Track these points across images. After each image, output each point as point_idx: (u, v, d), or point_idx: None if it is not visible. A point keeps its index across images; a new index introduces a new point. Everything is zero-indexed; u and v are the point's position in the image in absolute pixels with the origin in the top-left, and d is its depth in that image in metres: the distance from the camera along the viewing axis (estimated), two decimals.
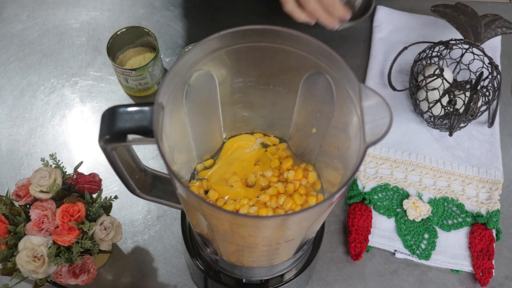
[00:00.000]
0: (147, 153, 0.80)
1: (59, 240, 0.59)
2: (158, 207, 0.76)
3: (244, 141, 0.58)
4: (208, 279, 0.64)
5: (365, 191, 0.76)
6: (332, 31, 0.76)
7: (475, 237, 0.73)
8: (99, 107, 0.84)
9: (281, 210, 0.54)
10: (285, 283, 0.63)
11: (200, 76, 0.47)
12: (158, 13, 0.92)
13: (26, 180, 0.63)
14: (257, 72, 0.50)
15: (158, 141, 0.39)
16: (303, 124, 0.55)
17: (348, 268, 0.73)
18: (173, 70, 0.42)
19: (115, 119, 0.41)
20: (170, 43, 0.89)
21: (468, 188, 0.78)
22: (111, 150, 0.43)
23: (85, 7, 0.93)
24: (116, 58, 0.82)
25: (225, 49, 0.45)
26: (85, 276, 0.61)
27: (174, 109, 0.46)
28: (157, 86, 0.84)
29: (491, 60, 0.78)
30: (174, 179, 0.41)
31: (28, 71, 0.87)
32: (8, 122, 0.82)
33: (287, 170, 0.56)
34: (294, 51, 0.45)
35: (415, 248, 0.73)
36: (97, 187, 0.65)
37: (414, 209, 0.75)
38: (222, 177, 0.56)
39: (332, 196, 0.41)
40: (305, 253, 0.63)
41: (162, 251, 0.73)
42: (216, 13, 0.93)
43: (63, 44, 0.89)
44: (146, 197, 0.53)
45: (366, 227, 0.73)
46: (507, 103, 0.86)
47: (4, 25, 0.91)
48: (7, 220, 0.61)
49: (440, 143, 0.81)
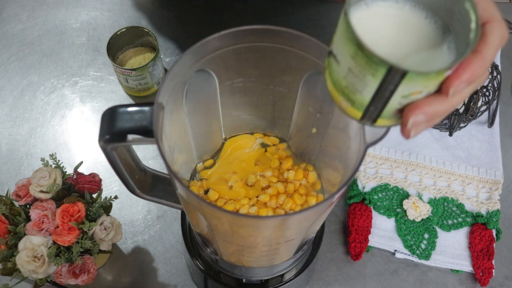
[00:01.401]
0: (147, 153, 0.80)
1: (59, 240, 0.59)
2: (158, 207, 0.76)
3: (244, 141, 0.58)
4: (208, 279, 0.64)
5: (365, 191, 0.76)
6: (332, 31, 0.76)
7: (475, 237, 0.73)
8: (99, 107, 0.84)
9: (281, 210, 0.54)
10: (285, 283, 0.63)
11: (200, 76, 0.47)
12: (158, 13, 0.92)
13: (26, 180, 0.63)
14: (257, 72, 0.50)
15: (158, 141, 0.39)
16: (303, 124, 0.55)
17: (348, 268, 0.73)
18: (173, 70, 0.42)
19: (115, 119, 0.41)
20: (170, 43, 0.89)
21: (468, 188, 0.78)
22: (111, 150, 0.43)
23: (85, 7, 0.93)
24: (116, 58, 0.82)
25: (225, 49, 0.45)
26: (85, 276, 0.61)
27: (174, 109, 0.46)
28: (157, 86, 0.84)
29: None
30: (174, 179, 0.41)
31: (28, 71, 0.87)
32: (8, 122, 0.82)
33: (287, 170, 0.56)
34: (294, 51, 0.45)
35: (415, 248, 0.73)
36: (97, 187, 0.65)
37: (414, 209, 0.75)
38: (222, 177, 0.56)
39: (332, 196, 0.41)
40: (305, 253, 0.63)
41: (162, 251, 0.73)
42: (216, 13, 0.93)
43: (63, 44, 0.89)
44: (146, 197, 0.53)
45: (366, 227, 0.73)
46: (507, 103, 0.86)
47: (4, 25, 0.91)
48: (7, 220, 0.61)
49: (440, 143, 0.81)
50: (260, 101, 0.55)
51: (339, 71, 0.35)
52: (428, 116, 0.34)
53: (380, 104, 0.34)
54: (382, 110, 0.35)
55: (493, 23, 0.34)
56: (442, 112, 0.34)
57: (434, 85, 0.33)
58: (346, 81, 0.34)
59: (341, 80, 0.35)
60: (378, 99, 0.34)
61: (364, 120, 0.36)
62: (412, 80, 0.31)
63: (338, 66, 0.34)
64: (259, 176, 0.55)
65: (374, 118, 0.36)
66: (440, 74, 0.32)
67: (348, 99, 0.35)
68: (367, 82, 0.33)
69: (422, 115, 0.34)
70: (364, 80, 0.33)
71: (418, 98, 0.33)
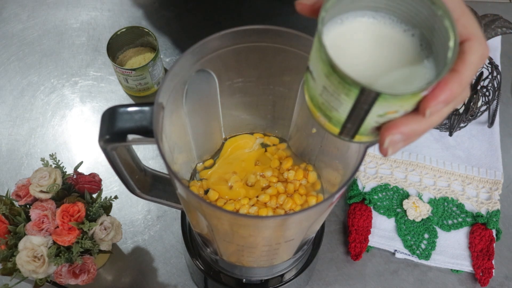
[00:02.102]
0: (147, 153, 0.80)
1: (59, 240, 0.59)
2: (158, 207, 0.76)
3: (244, 141, 0.58)
4: (208, 279, 0.64)
5: (365, 191, 0.76)
6: None
7: (475, 237, 0.73)
8: (99, 107, 0.84)
9: (281, 210, 0.54)
10: (285, 283, 0.63)
11: (200, 76, 0.47)
12: (158, 13, 0.92)
13: (26, 180, 0.63)
14: (257, 72, 0.50)
15: (158, 141, 0.39)
16: (303, 124, 0.55)
17: (348, 268, 0.73)
18: (173, 70, 0.42)
19: (115, 119, 0.41)
20: (170, 43, 0.89)
21: (468, 188, 0.78)
22: (111, 150, 0.43)
23: (85, 7, 0.93)
24: (116, 58, 0.82)
25: (225, 49, 0.45)
26: (85, 276, 0.61)
27: (174, 109, 0.46)
28: (157, 86, 0.84)
29: (491, 60, 0.78)
30: (174, 179, 0.41)
31: (28, 71, 0.87)
32: (8, 122, 0.82)
33: (287, 170, 0.56)
34: (294, 51, 0.45)
35: (415, 248, 0.73)
36: (97, 187, 0.65)
37: (414, 209, 0.75)
38: (222, 177, 0.56)
39: (332, 196, 0.41)
40: (305, 253, 0.63)
41: (162, 251, 0.73)
42: (216, 13, 0.93)
43: (63, 44, 0.89)
44: (146, 197, 0.53)
45: (366, 227, 0.73)
46: (507, 103, 0.86)
47: (4, 25, 0.91)
48: (7, 220, 0.61)
49: (440, 143, 0.81)
50: (260, 101, 0.55)
51: (315, 87, 0.34)
52: (405, 136, 0.33)
53: (357, 122, 0.34)
54: (359, 128, 0.34)
55: (472, 41, 0.33)
56: (420, 131, 0.33)
57: (411, 105, 0.32)
58: (322, 98, 0.34)
59: (318, 97, 0.34)
60: (354, 117, 0.33)
61: (342, 136, 0.36)
62: (386, 101, 0.31)
63: (314, 83, 0.34)
64: (259, 176, 0.55)
65: (352, 135, 0.36)
66: (416, 95, 0.31)
67: (325, 116, 0.35)
68: (341, 101, 0.32)
69: (399, 134, 0.33)
70: (339, 99, 0.32)
71: (395, 117, 0.33)
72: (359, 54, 0.34)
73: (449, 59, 0.31)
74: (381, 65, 0.34)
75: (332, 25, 0.34)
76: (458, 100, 0.34)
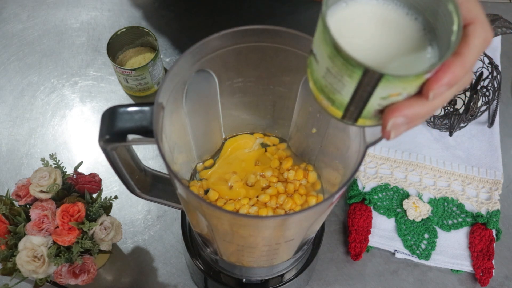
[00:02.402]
0: (147, 153, 0.80)
1: (59, 240, 0.59)
2: (158, 207, 0.76)
3: (244, 141, 0.58)
4: (208, 279, 0.64)
5: (365, 191, 0.76)
6: None
7: (475, 237, 0.73)
8: (99, 107, 0.84)
9: (281, 210, 0.54)
10: (285, 283, 0.63)
11: (200, 76, 0.47)
12: (158, 13, 0.92)
13: (26, 180, 0.63)
14: (257, 72, 0.50)
15: (158, 141, 0.39)
16: (303, 124, 0.55)
17: (348, 268, 0.73)
18: (173, 70, 0.42)
19: (115, 119, 0.41)
20: (170, 43, 0.89)
21: (468, 188, 0.78)
22: (111, 150, 0.43)
23: (85, 7, 0.93)
24: (116, 58, 0.82)
25: (225, 49, 0.45)
26: (85, 276, 0.61)
27: (174, 109, 0.46)
28: (157, 86, 0.84)
29: (491, 60, 0.78)
30: (174, 179, 0.41)
31: (28, 71, 0.87)
32: (8, 122, 0.82)
33: (287, 170, 0.56)
34: (294, 51, 0.45)
35: (415, 248, 0.73)
36: (97, 187, 0.65)
37: (414, 209, 0.75)
38: (222, 177, 0.56)
39: (332, 196, 0.41)
40: (305, 253, 0.63)
41: (162, 251, 0.73)
42: (216, 13, 0.93)
43: (63, 44, 0.89)
44: (146, 197, 0.53)
45: (366, 227, 0.73)
46: (507, 103, 0.86)
47: (4, 25, 0.91)
48: (7, 220, 0.61)
49: (440, 143, 0.81)
50: (260, 101, 0.55)
51: (318, 70, 0.34)
52: (408, 119, 0.33)
53: (360, 105, 0.34)
54: (362, 111, 0.34)
55: (476, 25, 0.33)
56: (423, 114, 0.33)
57: (414, 88, 0.32)
58: (325, 80, 0.34)
59: (321, 80, 0.35)
60: (357, 100, 0.33)
61: (345, 119, 0.36)
62: (389, 82, 0.31)
63: (318, 65, 0.34)
64: (259, 176, 0.55)
65: (355, 118, 0.36)
66: (419, 77, 0.31)
67: (328, 99, 0.35)
68: (345, 83, 0.32)
69: (402, 117, 0.33)
70: (342, 81, 0.32)
71: (398, 100, 0.33)
72: (363, 36, 0.34)
73: (453, 42, 0.31)
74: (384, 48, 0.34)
75: (336, 8, 0.34)
76: (461, 84, 0.34)
